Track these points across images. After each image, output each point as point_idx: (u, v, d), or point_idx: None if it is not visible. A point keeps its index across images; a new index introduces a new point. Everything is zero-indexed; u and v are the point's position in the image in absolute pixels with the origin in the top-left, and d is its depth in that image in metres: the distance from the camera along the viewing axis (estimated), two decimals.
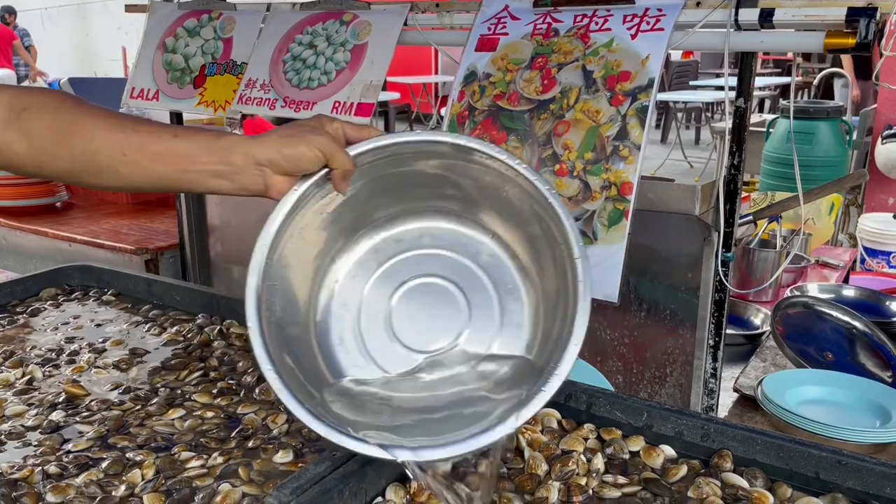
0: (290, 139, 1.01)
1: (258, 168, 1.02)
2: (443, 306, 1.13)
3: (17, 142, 0.99)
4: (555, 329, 1.03)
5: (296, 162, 1.01)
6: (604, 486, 1.05)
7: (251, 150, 1.02)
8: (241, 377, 1.34)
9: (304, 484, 0.95)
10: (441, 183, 1.09)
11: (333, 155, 1.00)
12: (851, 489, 1.00)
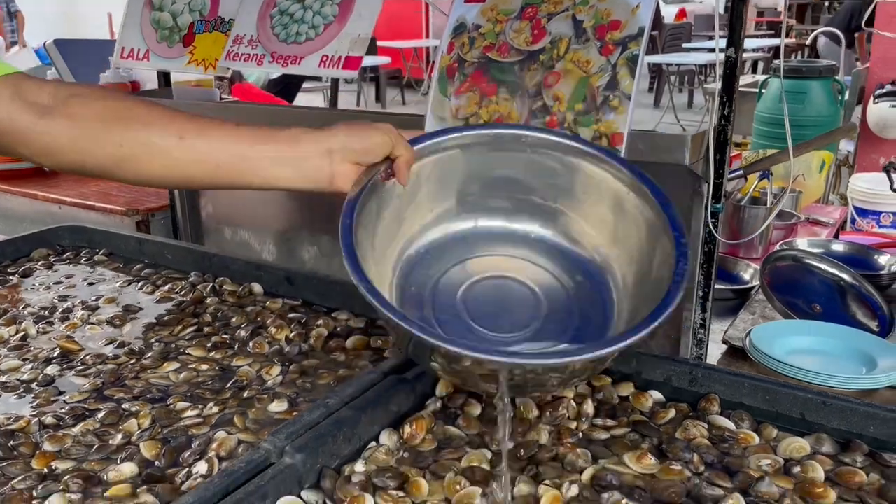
0: (358, 127, 1.03)
1: (328, 155, 1.01)
2: (518, 304, 1.12)
3: (63, 127, 0.95)
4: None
5: (367, 148, 1.02)
6: (593, 428, 1.07)
7: (320, 137, 1.02)
8: (234, 332, 1.35)
9: (299, 430, 0.96)
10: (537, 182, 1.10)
11: (398, 142, 1.03)
12: (836, 429, 1.02)
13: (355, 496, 0.89)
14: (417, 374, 1.13)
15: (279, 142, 1.02)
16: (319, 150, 1.01)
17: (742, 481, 0.94)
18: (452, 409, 1.10)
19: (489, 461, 1.00)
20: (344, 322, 1.39)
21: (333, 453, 0.97)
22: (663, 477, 0.95)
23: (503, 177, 1.14)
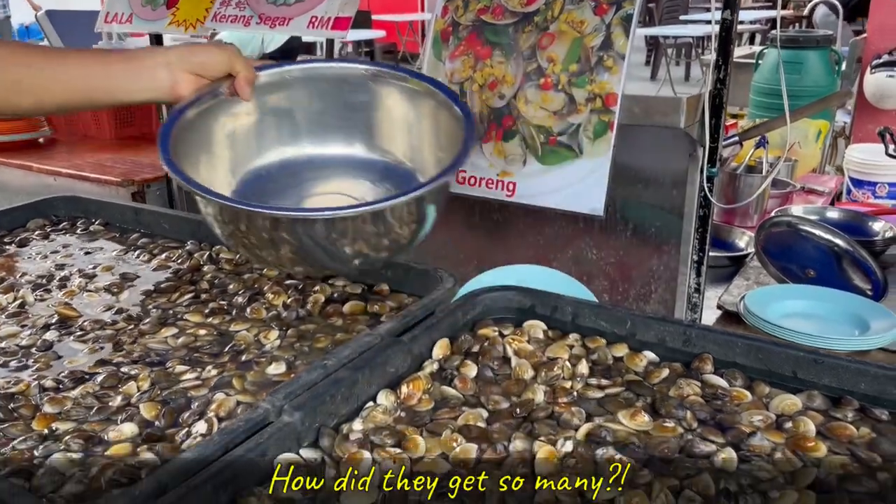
0: (197, 45, 1.16)
1: (166, 66, 1.11)
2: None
3: None
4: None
5: (204, 60, 1.13)
6: (588, 388, 1.08)
7: (160, 51, 1.14)
8: (231, 298, 1.36)
9: (297, 389, 0.97)
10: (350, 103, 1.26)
11: (237, 60, 1.14)
12: (827, 386, 1.04)
13: (353, 453, 0.91)
14: (414, 337, 1.14)
15: (124, 59, 1.12)
16: (158, 62, 1.12)
17: (734, 436, 0.95)
18: (448, 371, 1.11)
19: (485, 420, 1.01)
20: (341, 288, 1.40)
21: (331, 413, 0.98)
22: (657, 433, 0.97)
23: (335, 104, 1.28)
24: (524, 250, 1.71)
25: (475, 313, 1.26)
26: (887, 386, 1.00)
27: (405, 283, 1.39)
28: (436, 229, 1.87)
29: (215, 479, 0.82)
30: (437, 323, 1.19)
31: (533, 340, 1.21)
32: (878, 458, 0.90)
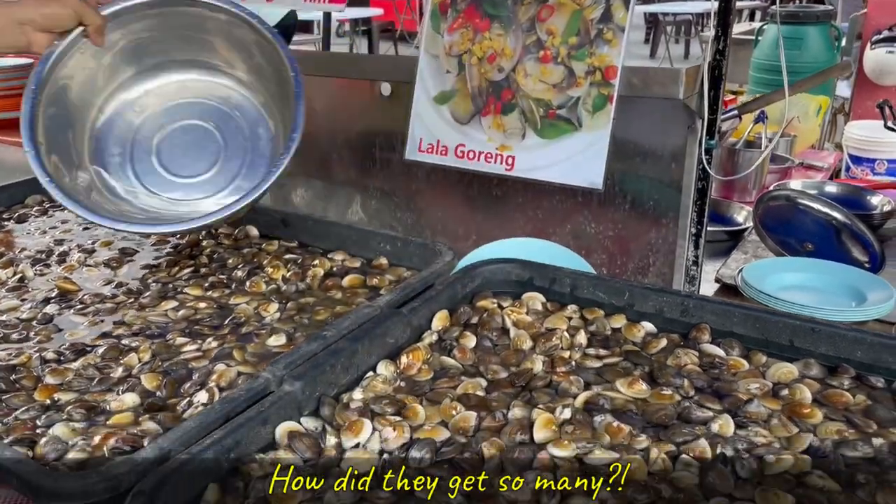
0: (45, 1, 1.19)
1: (19, 27, 1.17)
2: (203, 141, 1.43)
3: None
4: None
5: (52, 19, 1.19)
6: (586, 357, 1.09)
7: (9, 11, 1.17)
8: (231, 272, 1.36)
9: (297, 360, 0.98)
10: (192, 38, 1.37)
11: (86, 11, 1.20)
12: (824, 354, 1.04)
13: (354, 421, 0.91)
14: (413, 309, 1.14)
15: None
16: (10, 22, 1.17)
17: (731, 404, 0.96)
18: (447, 342, 1.12)
19: (484, 389, 1.02)
20: (340, 262, 1.40)
21: (332, 382, 0.99)
22: (654, 401, 0.98)
23: (177, 37, 1.38)
24: (523, 225, 1.71)
25: (474, 286, 1.27)
26: (883, 354, 1.00)
27: (404, 257, 1.40)
28: (434, 205, 1.87)
29: (217, 445, 0.83)
30: (437, 295, 1.19)
31: (531, 312, 1.21)
32: (873, 424, 0.91)
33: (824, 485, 0.81)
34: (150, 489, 0.75)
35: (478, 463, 0.86)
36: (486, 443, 0.89)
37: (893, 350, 1.00)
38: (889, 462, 0.84)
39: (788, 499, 0.78)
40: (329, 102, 1.96)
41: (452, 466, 0.86)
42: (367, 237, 1.43)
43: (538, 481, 0.82)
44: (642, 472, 0.83)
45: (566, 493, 0.81)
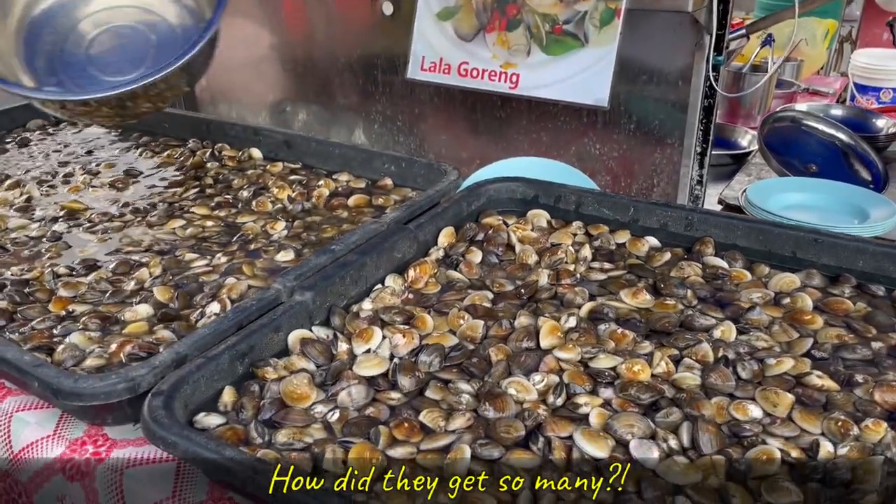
0: None
1: None
2: (134, 43, 1.37)
3: None
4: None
5: None
6: (591, 271, 1.10)
7: None
8: (236, 192, 1.36)
9: (307, 272, 0.99)
10: None
11: None
12: (826, 265, 1.06)
13: (364, 329, 0.93)
14: (419, 225, 1.15)
15: None
16: None
17: (733, 312, 0.98)
18: (454, 257, 1.13)
19: (490, 301, 1.03)
20: (345, 182, 1.40)
21: (341, 294, 1.01)
22: (657, 310, 0.99)
23: None
24: (527, 148, 1.70)
25: (480, 204, 1.27)
26: (884, 263, 1.02)
27: (408, 177, 1.40)
28: (437, 129, 1.86)
29: (232, 350, 0.85)
30: (442, 212, 1.20)
31: (537, 229, 1.22)
32: (872, 329, 0.93)
33: (823, 384, 0.83)
34: (168, 389, 0.77)
35: (485, 367, 0.88)
36: (493, 348, 0.91)
37: (895, 259, 1.01)
38: (887, 364, 0.87)
39: (788, 397, 0.81)
40: (328, 24, 1.93)
41: (461, 371, 0.88)
42: (372, 158, 1.43)
43: (544, 382, 0.84)
44: (646, 374, 0.86)
45: (571, 392, 0.83)
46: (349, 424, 0.79)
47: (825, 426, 0.77)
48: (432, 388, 0.85)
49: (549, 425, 0.78)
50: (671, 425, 0.78)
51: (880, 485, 0.68)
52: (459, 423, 0.78)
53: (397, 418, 0.80)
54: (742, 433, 0.76)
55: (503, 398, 0.82)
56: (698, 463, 0.72)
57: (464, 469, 0.72)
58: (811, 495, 0.68)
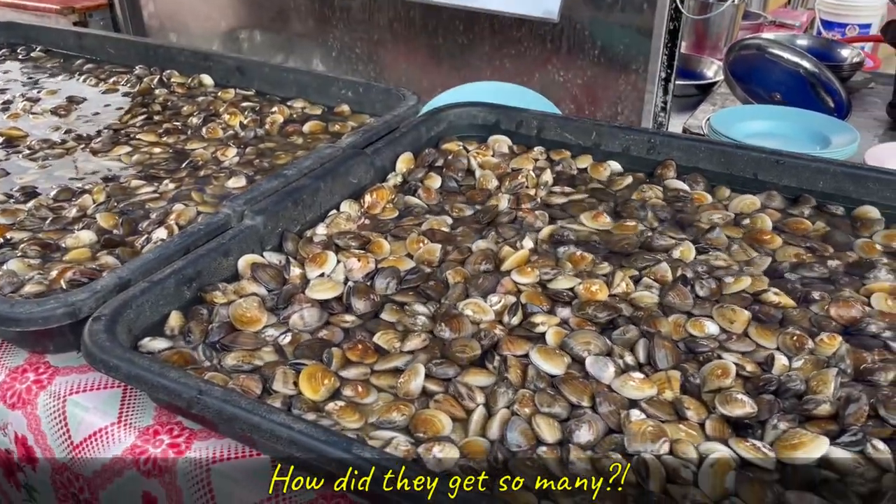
0: None
1: None
2: None
3: None
4: None
5: None
6: (551, 195, 1.08)
7: None
8: (186, 119, 1.31)
9: (258, 196, 0.96)
10: None
11: None
12: (787, 186, 1.05)
13: (318, 254, 0.91)
14: (377, 150, 1.11)
15: None
16: None
17: (693, 233, 0.97)
18: (412, 183, 1.10)
19: (449, 226, 1.01)
20: (300, 109, 1.36)
21: (294, 219, 0.97)
22: (618, 232, 0.98)
23: None
24: (490, 75, 1.66)
25: (439, 130, 1.23)
26: (844, 183, 1.01)
27: (366, 103, 1.35)
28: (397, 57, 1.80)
29: (178, 274, 0.81)
30: (400, 137, 1.16)
31: (498, 154, 1.19)
32: (830, 248, 0.93)
33: (779, 301, 0.83)
34: (110, 313, 0.74)
35: (443, 290, 0.86)
36: (450, 271, 0.89)
37: (855, 178, 1.00)
38: (843, 281, 0.87)
39: (744, 314, 0.80)
40: None
41: (418, 294, 0.86)
42: (328, 83, 1.38)
43: (501, 303, 0.83)
44: (604, 294, 0.84)
45: (528, 312, 0.82)
46: (301, 347, 0.77)
47: (781, 341, 0.77)
48: (388, 311, 0.83)
49: (506, 344, 0.77)
50: (628, 342, 0.77)
51: (833, 395, 0.68)
52: (415, 343, 0.77)
53: (351, 340, 0.78)
54: (698, 349, 0.76)
55: (459, 319, 0.80)
56: (654, 378, 0.72)
57: (417, 388, 0.71)
58: (765, 406, 0.68)
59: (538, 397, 0.69)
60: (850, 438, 0.63)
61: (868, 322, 0.78)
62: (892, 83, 1.68)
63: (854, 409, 0.66)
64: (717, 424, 0.67)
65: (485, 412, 0.69)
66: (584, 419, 0.67)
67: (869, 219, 0.98)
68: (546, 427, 0.66)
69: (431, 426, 0.67)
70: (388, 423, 0.67)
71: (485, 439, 0.66)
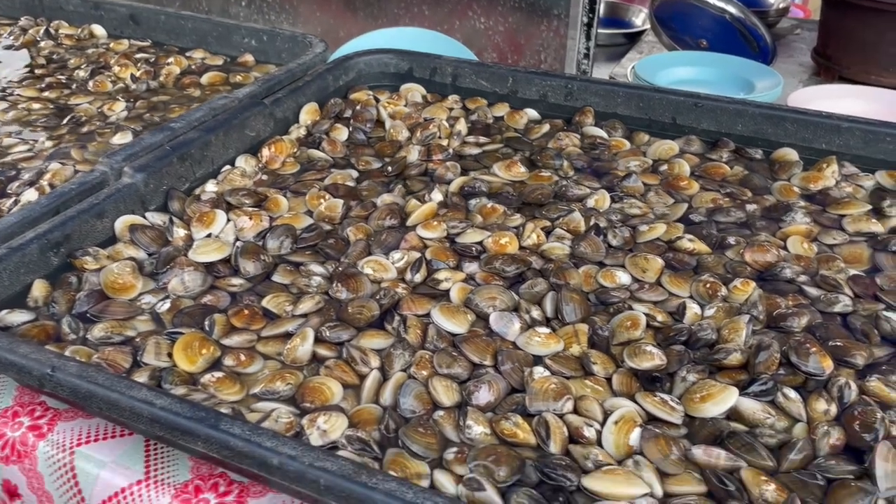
0: None
1: None
2: None
3: None
4: None
5: None
6: (465, 145, 1.02)
7: None
8: (72, 72, 1.20)
9: (139, 151, 0.87)
10: None
11: None
12: (706, 130, 1.01)
13: (205, 212, 0.83)
14: (277, 100, 1.03)
15: None
16: None
17: (609, 181, 0.93)
18: (316, 135, 1.03)
19: (355, 179, 0.94)
20: (200, 60, 1.26)
21: (181, 175, 0.89)
22: (532, 182, 0.93)
23: None
24: (409, 23, 1.58)
25: (348, 79, 1.16)
26: (763, 125, 0.98)
27: (272, 52, 1.26)
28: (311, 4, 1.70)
29: (42, 239, 0.73)
30: (304, 87, 1.08)
31: (410, 104, 1.13)
32: (748, 192, 0.90)
33: (694, 248, 0.79)
34: None
35: (343, 248, 0.80)
36: (352, 228, 0.82)
37: (774, 120, 0.97)
38: (760, 225, 0.84)
39: (658, 262, 0.77)
40: None
41: (316, 253, 0.80)
42: (230, 31, 1.28)
43: (403, 259, 0.77)
44: (513, 247, 0.80)
45: (433, 269, 0.76)
46: (181, 314, 0.70)
47: (693, 289, 0.73)
48: (280, 272, 0.76)
49: (407, 303, 0.71)
50: (535, 297, 0.72)
51: (745, 343, 0.65)
52: (308, 306, 0.71)
53: (237, 305, 0.71)
54: (609, 300, 0.72)
55: (357, 278, 0.74)
56: (560, 332, 0.68)
57: (306, 354, 0.65)
58: (674, 358, 0.64)
59: (437, 358, 0.64)
60: (760, 388, 0.60)
61: (783, 266, 0.75)
62: (817, 29, 1.66)
63: (765, 357, 0.63)
64: (625, 379, 0.63)
65: (379, 377, 0.64)
66: (484, 379, 0.62)
67: (787, 161, 0.95)
68: (443, 389, 0.61)
69: (320, 395, 0.61)
70: (272, 393, 0.61)
71: (378, 406, 0.61)
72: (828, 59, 1.57)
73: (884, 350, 0.66)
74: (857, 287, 0.73)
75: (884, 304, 0.71)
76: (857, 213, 0.84)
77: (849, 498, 0.52)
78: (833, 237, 0.81)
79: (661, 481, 0.54)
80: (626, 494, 0.52)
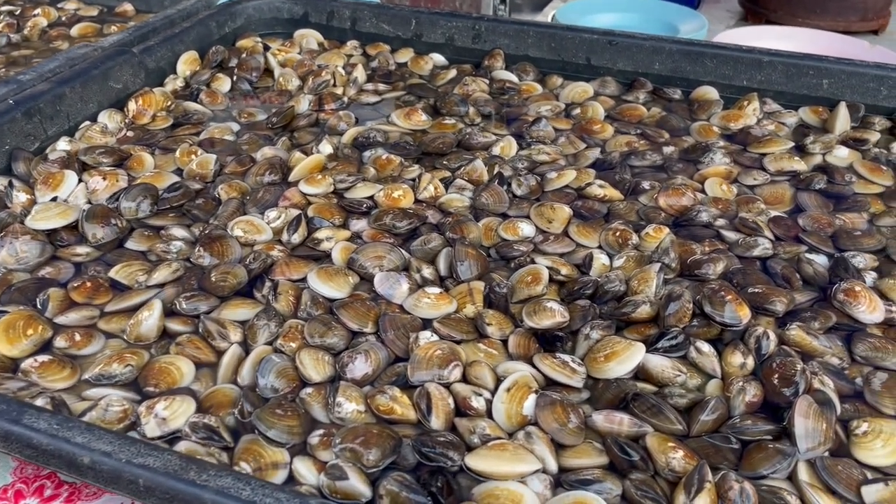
0: None
1: None
2: None
3: None
4: None
5: None
6: (362, 93, 0.93)
7: None
8: None
9: None
10: None
11: None
12: (622, 70, 0.94)
13: (52, 174, 0.72)
14: (148, 48, 0.92)
15: None
16: None
17: (518, 128, 0.85)
18: (195, 87, 0.92)
19: (234, 133, 0.84)
20: (72, 11, 1.13)
21: (29, 134, 0.78)
22: (434, 131, 0.84)
23: None
24: None
25: (235, 25, 1.05)
26: (682, 63, 0.91)
27: (154, 1, 1.14)
28: None
29: None
30: (182, 34, 0.97)
31: (305, 52, 1.02)
32: (665, 134, 0.83)
33: (605, 194, 0.72)
34: None
35: (213, 208, 0.70)
36: (224, 185, 0.73)
37: (692, 57, 0.90)
38: (677, 168, 0.77)
39: (565, 211, 0.69)
40: None
41: (182, 215, 0.70)
42: None
43: (281, 219, 0.68)
44: (408, 200, 0.71)
45: (315, 228, 0.67)
46: (10, 290, 0.59)
47: (602, 238, 0.66)
48: (136, 238, 0.66)
49: (280, 268, 0.62)
50: (428, 254, 0.64)
51: (655, 295, 0.58)
52: (163, 275, 0.61)
53: (80, 278, 0.61)
54: (510, 254, 0.64)
55: (224, 241, 0.65)
56: (453, 292, 0.60)
57: (150, 329, 0.56)
58: (578, 314, 0.57)
59: (308, 327, 0.56)
60: (670, 342, 0.53)
61: (699, 210, 0.69)
62: None
63: (675, 309, 0.56)
64: (522, 340, 0.55)
65: (240, 352, 0.55)
66: (360, 349, 0.54)
67: (707, 100, 0.88)
68: (312, 363, 0.53)
69: (166, 377, 0.52)
70: (107, 377, 0.52)
71: (235, 387, 0.52)
72: (755, 3, 1.52)
73: (806, 295, 0.60)
74: (779, 229, 0.67)
75: (806, 245, 0.65)
76: (778, 151, 0.78)
77: (765, 462, 0.46)
78: (754, 178, 0.75)
79: (557, 454, 0.47)
80: (513, 473, 0.45)
